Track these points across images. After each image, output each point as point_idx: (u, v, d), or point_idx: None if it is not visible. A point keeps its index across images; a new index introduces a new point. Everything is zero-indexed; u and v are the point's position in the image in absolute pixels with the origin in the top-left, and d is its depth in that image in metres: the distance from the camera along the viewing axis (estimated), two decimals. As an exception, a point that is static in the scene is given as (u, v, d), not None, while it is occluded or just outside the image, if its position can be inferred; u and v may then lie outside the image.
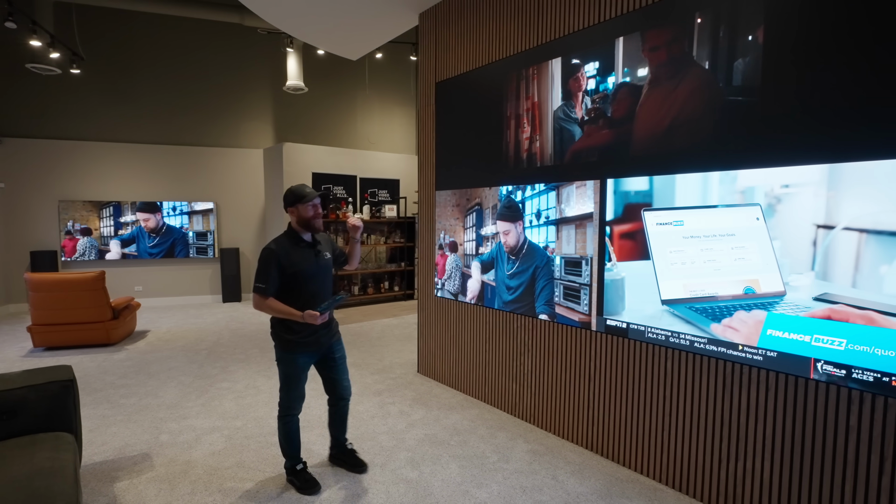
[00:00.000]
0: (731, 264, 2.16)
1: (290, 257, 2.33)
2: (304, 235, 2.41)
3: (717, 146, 2.20)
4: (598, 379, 2.82)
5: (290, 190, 2.38)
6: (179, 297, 7.63)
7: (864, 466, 1.87)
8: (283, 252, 2.32)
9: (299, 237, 2.40)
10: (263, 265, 2.30)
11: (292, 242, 2.38)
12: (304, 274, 2.35)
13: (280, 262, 2.30)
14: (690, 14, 2.28)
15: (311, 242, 2.42)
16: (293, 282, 2.34)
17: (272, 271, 2.29)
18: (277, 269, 2.30)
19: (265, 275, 2.29)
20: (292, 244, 2.37)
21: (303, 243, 2.40)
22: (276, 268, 2.30)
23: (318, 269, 2.42)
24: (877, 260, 1.78)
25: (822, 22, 1.90)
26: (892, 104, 1.74)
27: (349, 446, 2.71)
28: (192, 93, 7.52)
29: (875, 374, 1.82)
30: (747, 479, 2.20)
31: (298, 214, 2.35)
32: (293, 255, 2.34)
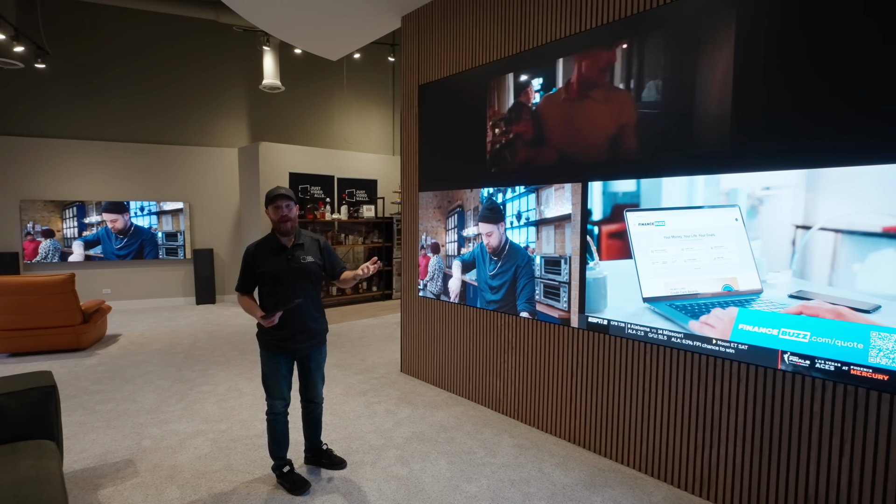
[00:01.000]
0: (710, 263, 2.30)
1: (261, 258, 2.41)
2: (282, 237, 2.44)
3: (699, 152, 2.33)
4: (580, 374, 2.93)
5: (267, 192, 2.44)
6: (150, 300, 7.42)
7: (826, 449, 2.03)
8: (257, 252, 2.43)
9: (274, 238, 2.45)
10: (242, 263, 2.47)
11: (268, 244, 2.45)
12: (270, 275, 2.39)
13: (252, 262, 2.42)
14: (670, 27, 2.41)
15: (283, 245, 2.43)
16: (264, 282, 2.42)
17: (246, 270, 2.44)
18: (250, 268, 2.43)
19: (241, 272, 2.47)
20: (268, 246, 2.45)
21: (276, 245, 2.43)
22: (250, 267, 2.43)
23: (289, 272, 2.40)
24: (850, 258, 1.93)
25: (790, 38, 2.04)
26: (852, 120, 1.90)
27: (324, 447, 2.73)
28: (164, 90, 7.32)
29: (836, 364, 1.97)
30: (721, 465, 2.35)
31: (270, 216, 2.42)
32: (265, 257, 2.41)
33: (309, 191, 7.38)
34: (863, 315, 1.90)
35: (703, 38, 2.28)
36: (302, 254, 2.46)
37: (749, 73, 2.15)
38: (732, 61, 2.19)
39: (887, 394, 1.87)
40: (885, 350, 1.86)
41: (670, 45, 2.40)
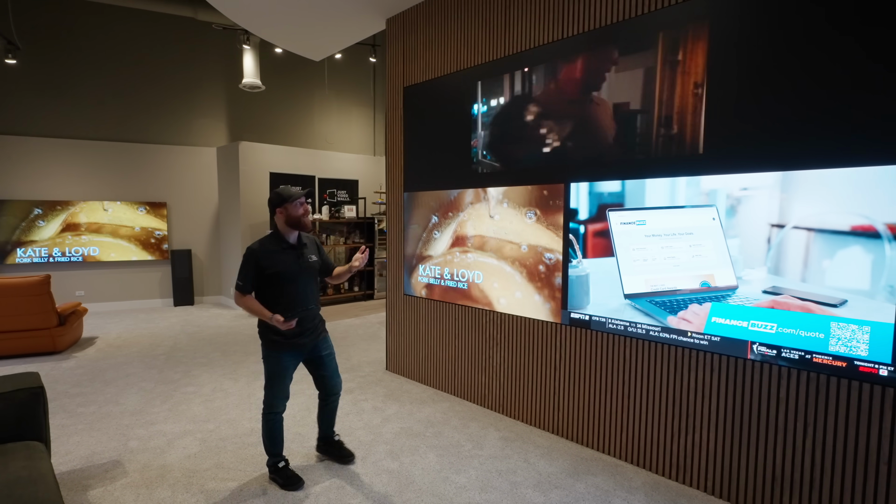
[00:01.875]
0: (688, 261, 2.43)
1: (270, 258, 2.38)
2: (290, 237, 2.46)
3: (675, 155, 2.47)
4: (562, 368, 3.05)
5: (276, 192, 2.44)
6: (126, 302, 7.27)
7: (791, 432, 2.18)
8: (263, 252, 2.38)
9: (283, 239, 2.45)
10: (244, 263, 2.37)
11: (275, 244, 2.43)
12: (282, 276, 2.39)
13: (259, 263, 2.36)
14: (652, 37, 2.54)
15: (294, 245, 2.47)
16: (273, 282, 2.39)
17: (250, 270, 2.36)
18: (256, 268, 2.36)
19: (244, 273, 2.37)
20: (275, 245, 2.43)
21: (286, 245, 2.44)
22: (255, 267, 2.36)
23: (300, 272, 2.45)
24: (821, 255, 2.06)
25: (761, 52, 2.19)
26: (819, 127, 2.06)
27: (336, 438, 2.78)
28: (140, 87, 7.18)
29: (800, 353, 2.13)
30: (696, 450, 2.49)
31: (287, 214, 2.40)
32: (274, 257, 2.39)
33: (290, 191, 7.34)
34: (830, 309, 2.05)
35: (679, 46, 2.42)
36: (307, 252, 2.50)
37: (722, 80, 2.29)
38: (705, 69, 2.33)
39: (846, 379, 2.04)
40: (844, 339, 2.02)
41: (649, 51, 2.53)
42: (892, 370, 1.93)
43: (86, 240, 6.89)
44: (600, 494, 2.44)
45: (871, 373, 1.97)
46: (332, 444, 2.76)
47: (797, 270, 2.13)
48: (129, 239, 7.16)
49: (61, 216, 6.74)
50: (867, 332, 1.97)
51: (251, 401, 3.64)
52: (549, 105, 2.99)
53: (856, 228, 1.98)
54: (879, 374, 1.96)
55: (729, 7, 2.26)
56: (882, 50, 1.88)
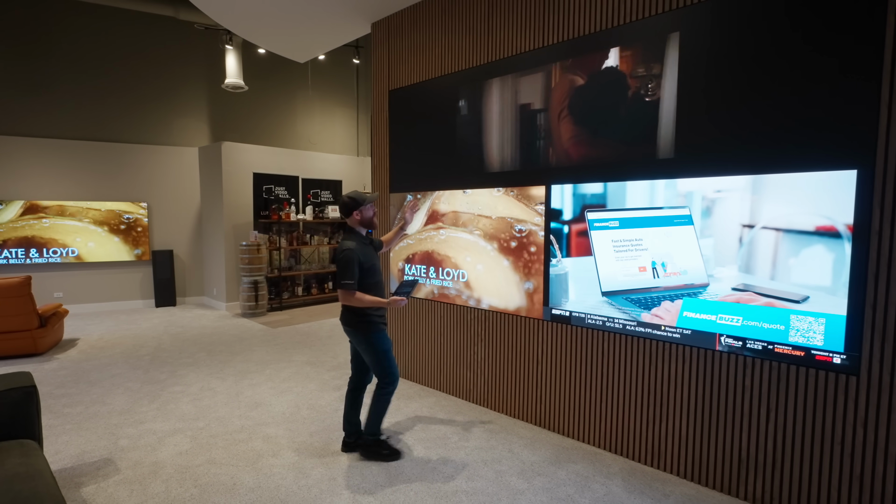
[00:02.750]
0: (661, 260, 2.58)
1: (364, 254, 2.66)
2: (362, 233, 2.75)
3: (649, 160, 2.62)
4: (544, 362, 3.18)
5: (350, 197, 2.69)
6: (106, 303, 7.17)
7: (755, 417, 2.35)
8: (359, 250, 2.63)
9: (361, 236, 2.74)
10: (348, 264, 2.56)
11: (360, 241, 2.69)
12: (373, 267, 2.70)
13: (359, 260, 2.61)
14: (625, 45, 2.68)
15: (371, 240, 2.80)
16: (368, 274, 2.66)
17: (355, 268, 2.57)
18: (358, 265, 2.59)
19: (351, 272, 2.56)
20: (361, 243, 2.69)
21: (365, 240, 2.74)
22: (357, 264, 2.59)
23: (378, 261, 2.79)
24: (787, 254, 2.21)
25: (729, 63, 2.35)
26: (785, 135, 2.22)
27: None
28: (120, 87, 7.09)
29: (763, 343, 2.30)
30: (669, 437, 2.65)
31: (363, 215, 2.70)
32: (365, 252, 2.68)
33: (273, 191, 7.35)
34: (794, 305, 2.20)
35: (654, 56, 2.57)
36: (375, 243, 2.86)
37: (692, 91, 2.44)
38: (677, 78, 2.48)
39: (804, 367, 2.21)
40: (802, 330, 2.19)
41: (625, 59, 2.67)
42: (844, 358, 2.10)
43: (48, 224, 6.67)
44: (580, 480, 2.58)
45: (827, 361, 2.15)
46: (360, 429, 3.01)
47: (765, 268, 2.28)
48: (95, 222, 6.99)
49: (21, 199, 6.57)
50: (822, 324, 2.14)
51: (239, 399, 3.68)
52: (528, 110, 3.12)
53: (819, 229, 2.13)
54: (834, 361, 2.13)
55: (699, 21, 2.41)
56: (836, 65, 2.05)
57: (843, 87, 2.04)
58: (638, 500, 2.40)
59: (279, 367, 4.49)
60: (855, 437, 2.10)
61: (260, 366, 4.51)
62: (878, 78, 1.96)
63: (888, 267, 1.99)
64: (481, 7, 3.38)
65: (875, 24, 1.95)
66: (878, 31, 1.95)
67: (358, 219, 2.70)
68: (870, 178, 2.00)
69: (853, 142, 2.03)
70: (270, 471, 2.65)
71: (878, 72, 1.96)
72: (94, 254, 6.99)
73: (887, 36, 1.93)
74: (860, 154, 2.02)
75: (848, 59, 2.02)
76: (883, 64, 1.95)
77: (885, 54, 1.94)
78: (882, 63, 1.95)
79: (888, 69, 1.94)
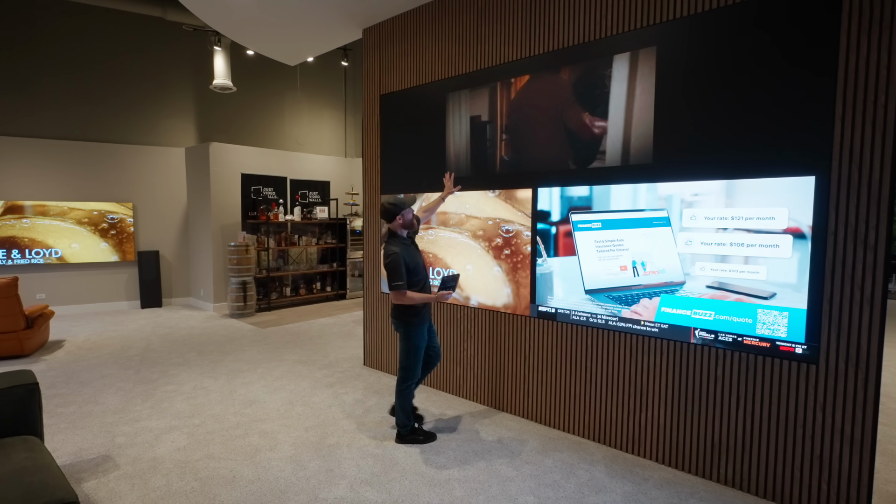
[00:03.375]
0: (642, 259, 2.75)
1: (409, 255, 2.89)
2: (404, 235, 2.95)
3: (627, 165, 2.79)
4: (531, 357, 3.33)
5: (391, 203, 2.92)
6: (90, 305, 7.11)
7: (726, 405, 2.53)
8: (404, 252, 2.86)
9: (403, 238, 2.94)
10: (396, 266, 2.78)
11: (403, 243, 2.91)
12: (418, 265, 2.95)
13: (405, 261, 2.83)
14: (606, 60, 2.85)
15: (413, 241, 3.02)
16: (413, 272, 2.89)
17: (402, 270, 2.79)
18: (405, 266, 2.81)
19: (400, 273, 2.79)
20: (404, 245, 2.91)
21: (407, 241, 2.95)
22: (404, 266, 2.81)
23: (421, 259, 3.03)
24: (758, 253, 2.38)
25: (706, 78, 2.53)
26: (751, 146, 2.41)
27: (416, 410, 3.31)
28: (106, 87, 7.04)
29: (733, 336, 2.48)
30: (649, 425, 2.82)
31: (404, 219, 2.91)
32: (409, 252, 2.91)
33: (261, 192, 7.38)
34: (762, 301, 2.38)
35: (632, 68, 2.74)
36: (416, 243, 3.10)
37: (669, 101, 2.62)
38: (654, 89, 2.66)
39: (770, 357, 2.39)
40: (767, 323, 2.38)
41: (606, 71, 2.84)
42: (805, 348, 2.29)
43: (28, 224, 6.58)
44: (565, 467, 2.73)
45: (790, 351, 2.33)
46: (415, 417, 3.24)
47: (737, 267, 2.45)
48: (79, 223, 6.92)
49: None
50: (786, 317, 2.33)
51: (233, 397, 3.75)
52: (518, 117, 3.27)
53: (788, 230, 2.32)
54: (796, 352, 2.32)
55: (675, 36, 2.59)
56: (798, 84, 2.25)
57: (804, 104, 2.23)
58: (619, 484, 2.56)
59: (271, 366, 4.56)
60: (815, 421, 2.29)
61: (251, 365, 4.57)
62: (833, 97, 2.15)
63: (843, 265, 2.18)
64: (471, 16, 3.52)
65: (829, 54, 2.15)
66: (831, 61, 2.14)
67: (400, 222, 2.91)
68: (826, 183, 2.19)
69: (812, 151, 2.22)
70: (269, 464, 2.74)
71: (832, 91, 2.15)
72: (78, 255, 6.93)
73: (840, 63, 2.13)
74: (818, 162, 2.21)
75: (807, 79, 2.21)
76: (837, 84, 2.14)
77: (838, 76, 2.14)
78: (836, 84, 2.14)
79: (841, 89, 2.14)
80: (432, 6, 3.78)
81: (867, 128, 2.10)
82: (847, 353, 2.19)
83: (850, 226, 2.15)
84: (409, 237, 3.01)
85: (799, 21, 2.23)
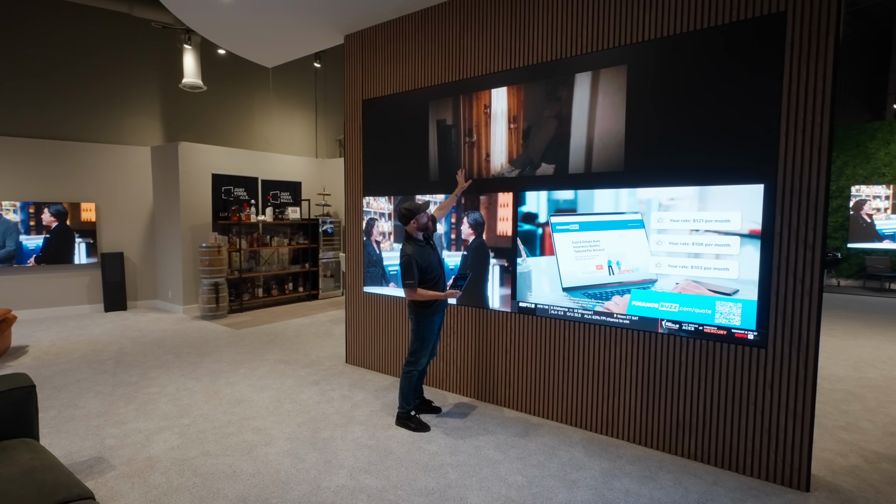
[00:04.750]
0: (616, 258, 3.01)
1: (422, 256, 3.10)
2: (419, 237, 3.15)
3: (601, 172, 3.05)
4: (512, 350, 3.56)
5: (407, 208, 3.12)
6: (50, 309, 6.83)
7: (689, 387, 2.83)
8: (417, 254, 3.08)
9: (417, 240, 3.15)
10: (409, 266, 3.04)
11: (418, 245, 3.12)
12: (430, 266, 3.14)
13: (417, 262, 3.06)
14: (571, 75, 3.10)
15: (427, 241, 3.20)
16: (426, 273, 3.12)
17: (414, 269, 3.04)
18: (417, 266, 3.05)
19: (411, 272, 3.04)
20: (418, 246, 3.12)
21: (422, 243, 3.15)
22: (417, 266, 3.05)
23: (439, 259, 3.25)
24: (725, 253, 2.66)
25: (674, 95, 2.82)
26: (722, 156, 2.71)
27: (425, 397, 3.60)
28: (68, 82, 6.78)
29: (695, 325, 2.78)
30: (622, 409, 3.09)
31: (419, 223, 3.11)
32: (423, 254, 3.11)
33: (233, 192, 7.31)
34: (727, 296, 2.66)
35: (603, 84, 3.00)
36: (435, 244, 3.30)
37: (638, 115, 2.90)
38: (625, 104, 2.93)
39: (727, 344, 2.71)
40: (724, 313, 2.69)
41: (579, 87, 3.09)
42: (756, 335, 2.62)
43: None
44: (547, 450, 2.96)
45: (743, 337, 2.65)
46: (424, 401, 3.50)
47: (709, 265, 2.73)
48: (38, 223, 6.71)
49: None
50: (740, 308, 2.65)
51: (220, 397, 3.79)
52: (499, 126, 3.48)
53: (753, 232, 2.61)
54: (748, 338, 2.64)
55: (643, 55, 2.87)
56: (749, 101, 2.56)
57: (754, 121, 2.55)
58: (596, 462, 2.82)
59: (252, 366, 4.59)
60: (765, 398, 2.61)
61: (233, 365, 4.59)
62: (779, 115, 2.47)
63: (787, 261, 2.51)
64: (453, 28, 3.71)
65: (775, 81, 2.47)
66: (777, 85, 2.47)
67: (415, 226, 3.11)
68: (773, 190, 2.52)
69: (761, 162, 2.54)
70: (267, 458, 2.83)
71: (778, 110, 2.48)
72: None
73: (783, 87, 2.45)
74: (766, 171, 2.53)
75: (757, 99, 2.53)
76: (781, 105, 2.47)
77: (782, 98, 2.46)
78: (781, 105, 2.47)
79: (785, 109, 2.46)
80: (415, 17, 3.94)
81: (807, 143, 2.43)
82: (791, 338, 2.52)
83: (794, 227, 2.49)
84: (425, 238, 3.20)
85: (750, 50, 2.54)
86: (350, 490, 2.52)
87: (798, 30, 2.42)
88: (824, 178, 2.40)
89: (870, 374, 4.39)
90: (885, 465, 2.80)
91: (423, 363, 3.26)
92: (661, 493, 2.52)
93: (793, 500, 2.47)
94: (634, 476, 2.68)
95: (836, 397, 3.81)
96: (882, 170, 9.47)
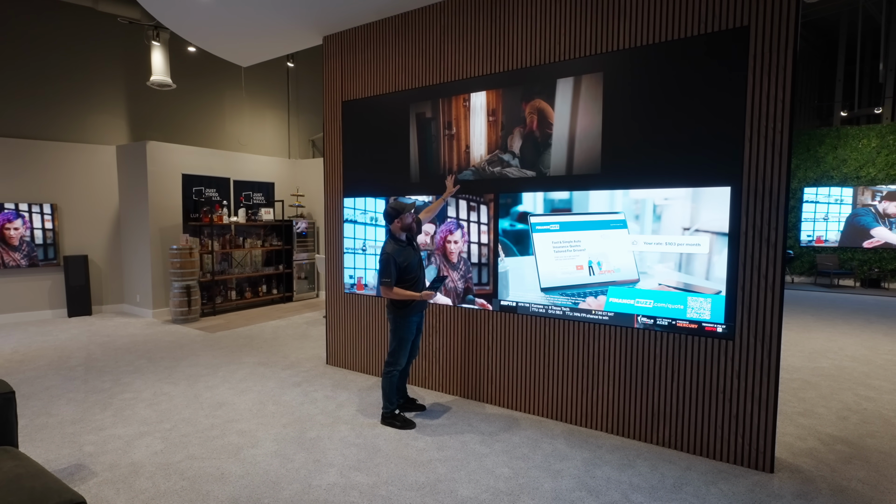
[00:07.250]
0: (597, 258, 3.14)
1: (402, 255, 3.13)
2: (402, 237, 3.19)
3: (578, 175, 3.18)
4: (494, 347, 3.66)
5: (392, 207, 3.16)
6: (8, 315, 6.51)
7: (664, 379, 3.00)
8: (396, 253, 3.12)
9: (400, 239, 3.18)
10: (386, 264, 3.09)
11: (398, 245, 3.16)
12: (411, 266, 3.17)
13: (395, 261, 3.09)
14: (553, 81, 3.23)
15: (409, 242, 3.22)
16: (406, 271, 3.15)
17: (392, 268, 3.08)
18: (395, 265, 3.08)
19: (389, 271, 3.08)
20: (399, 246, 3.15)
21: (404, 243, 3.19)
22: (394, 265, 3.08)
23: (419, 260, 3.28)
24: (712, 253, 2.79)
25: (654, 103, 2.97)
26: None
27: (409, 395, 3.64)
28: (26, 78, 6.47)
29: (668, 320, 2.94)
30: (601, 402, 3.23)
31: (402, 222, 3.14)
32: (403, 254, 3.14)
33: (204, 193, 7.15)
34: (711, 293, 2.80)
35: (580, 90, 3.14)
36: (417, 245, 3.31)
37: (615, 121, 3.04)
38: (602, 110, 3.07)
39: (698, 337, 2.88)
40: (696, 308, 2.86)
41: (558, 92, 3.22)
42: (724, 328, 2.80)
43: None
44: (530, 442, 3.07)
45: (712, 331, 2.83)
46: (408, 400, 3.55)
47: (697, 265, 2.84)
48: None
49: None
50: (710, 303, 2.83)
51: (200, 401, 3.73)
52: (479, 129, 3.58)
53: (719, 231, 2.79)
54: (717, 331, 2.82)
55: (618, 63, 3.02)
56: (718, 110, 2.74)
57: (722, 128, 2.72)
58: (578, 452, 2.95)
59: (231, 369, 4.53)
60: (732, 387, 2.80)
61: (210, 369, 4.52)
62: (743, 123, 2.66)
63: (751, 259, 2.70)
64: (434, 32, 3.78)
65: (739, 98, 2.66)
66: (741, 96, 2.65)
67: (399, 225, 3.15)
68: (739, 192, 2.70)
69: (728, 166, 2.72)
70: (255, 459, 2.83)
71: (742, 118, 2.66)
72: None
73: (747, 97, 2.64)
74: (732, 175, 2.71)
75: (724, 108, 2.71)
76: (745, 113, 2.66)
77: (746, 107, 2.65)
78: (745, 113, 2.66)
79: (749, 117, 2.65)
80: (395, 20, 4.00)
81: (769, 149, 2.62)
82: (755, 330, 2.71)
83: (757, 227, 2.67)
84: (408, 238, 3.23)
85: (716, 61, 2.72)
86: (342, 487, 2.55)
87: (760, 43, 2.61)
88: (784, 181, 2.60)
89: (823, 363, 4.71)
90: (839, 447, 3.04)
91: (403, 363, 3.29)
92: (639, 479, 2.66)
93: (759, 480, 2.65)
94: (614, 464, 2.81)
95: (794, 386, 4.09)
96: (830, 173, 10.09)
